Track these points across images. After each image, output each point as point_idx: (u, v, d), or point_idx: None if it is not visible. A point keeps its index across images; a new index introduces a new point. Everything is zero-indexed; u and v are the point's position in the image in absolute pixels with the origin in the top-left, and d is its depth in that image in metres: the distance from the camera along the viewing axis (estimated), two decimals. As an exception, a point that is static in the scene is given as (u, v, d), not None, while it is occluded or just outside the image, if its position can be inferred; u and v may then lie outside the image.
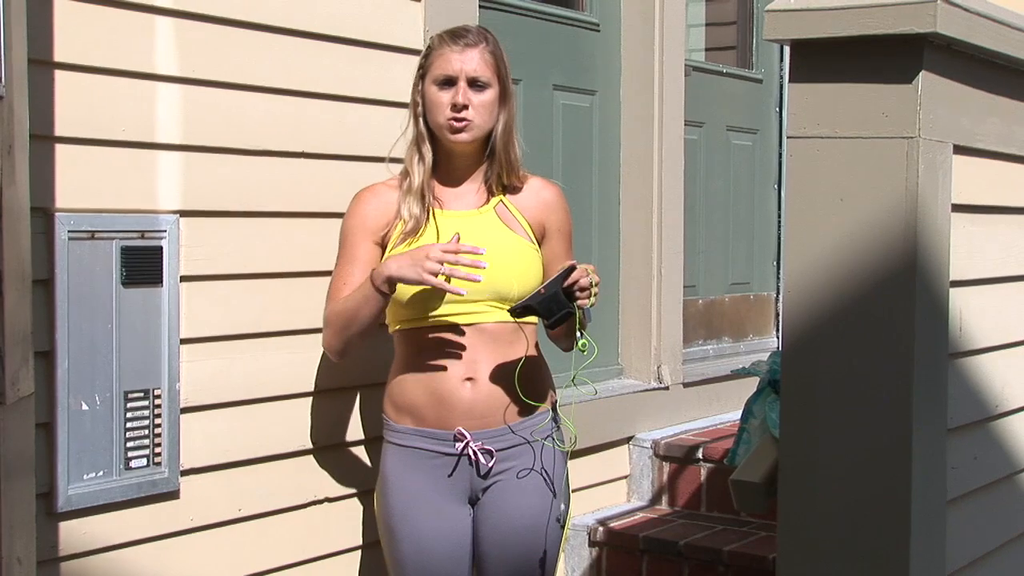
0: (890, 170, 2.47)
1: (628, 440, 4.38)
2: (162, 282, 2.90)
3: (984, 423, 2.86)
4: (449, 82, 2.97)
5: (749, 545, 3.85)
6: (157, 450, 2.90)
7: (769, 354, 3.32)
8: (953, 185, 2.58)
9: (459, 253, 2.80)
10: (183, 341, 2.95)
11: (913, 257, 2.46)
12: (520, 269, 2.98)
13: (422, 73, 3.03)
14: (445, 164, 3.04)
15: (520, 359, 2.95)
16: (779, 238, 5.48)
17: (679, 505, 4.29)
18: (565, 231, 3.13)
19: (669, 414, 4.55)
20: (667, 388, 4.53)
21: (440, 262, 2.78)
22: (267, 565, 3.17)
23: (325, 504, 3.28)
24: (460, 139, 2.98)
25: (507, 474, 2.98)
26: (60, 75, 2.71)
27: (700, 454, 4.24)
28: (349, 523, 3.34)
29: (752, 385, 3.27)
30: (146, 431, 2.88)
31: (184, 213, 2.95)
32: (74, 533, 2.77)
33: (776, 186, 5.51)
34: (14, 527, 2.27)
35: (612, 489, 4.33)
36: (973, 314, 2.72)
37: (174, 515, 2.96)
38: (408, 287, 2.88)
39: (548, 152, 4.31)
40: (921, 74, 2.45)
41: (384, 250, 3.00)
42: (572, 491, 3.09)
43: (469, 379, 2.95)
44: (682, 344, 4.66)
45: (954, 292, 2.62)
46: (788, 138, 2.60)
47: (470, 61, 2.97)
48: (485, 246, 2.96)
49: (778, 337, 5.45)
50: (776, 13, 2.54)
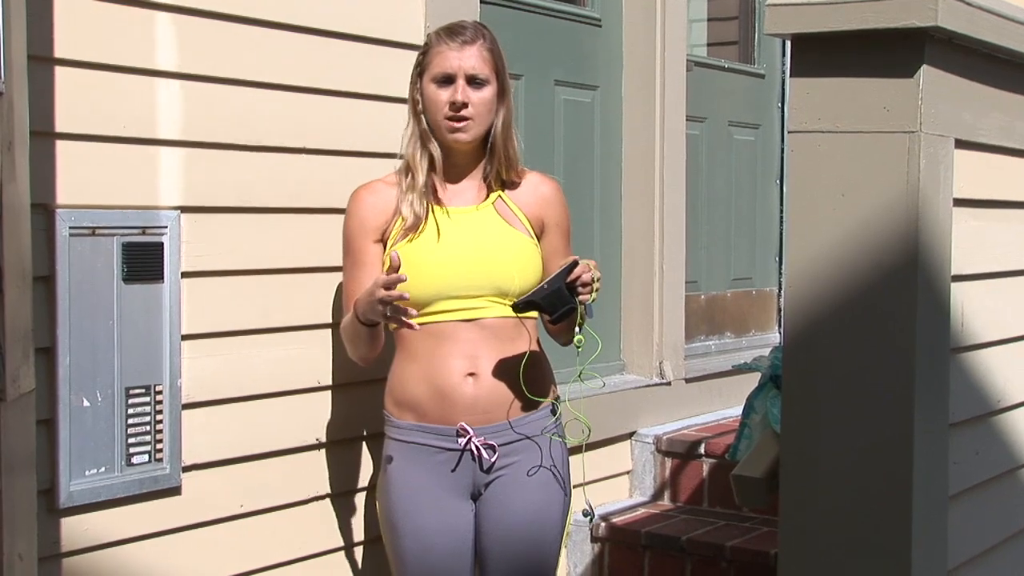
0: (891, 164, 2.47)
1: (630, 436, 4.38)
2: (163, 278, 2.90)
3: (986, 418, 2.86)
4: (448, 80, 2.96)
5: (751, 540, 3.85)
6: (159, 446, 2.90)
7: (770, 349, 3.32)
8: (955, 179, 2.58)
9: (394, 287, 2.75)
10: (184, 337, 2.95)
11: (915, 251, 2.46)
12: (520, 264, 2.98)
13: (420, 71, 3.02)
14: (444, 161, 3.03)
15: (524, 354, 2.95)
16: (781, 233, 5.47)
17: (681, 501, 4.28)
18: (564, 226, 3.13)
19: (671, 410, 4.55)
20: (669, 384, 4.53)
21: (383, 301, 2.75)
22: (269, 561, 3.17)
23: (327, 500, 3.28)
24: (459, 139, 2.98)
25: (509, 469, 2.98)
26: (61, 71, 2.71)
27: (702, 450, 4.24)
28: (351, 519, 3.34)
29: (754, 380, 3.28)
30: (147, 427, 2.88)
31: (185, 209, 2.95)
32: (76, 529, 2.77)
33: (778, 181, 5.50)
34: (15, 523, 2.27)
35: (614, 485, 4.33)
36: (975, 309, 2.72)
37: (176, 511, 2.96)
38: (404, 287, 2.89)
39: (550, 148, 4.30)
40: (922, 68, 2.45)
41: (386, 246, 3.00)
42: (574, 487, 3.09)
43: (471, 374, 2.95)
44: (684, 340, 4.65)
45: (956, 287, 2.62)
46: (789, 133, 2.60)
47: (468, 59, 2.96)
48: (484, 241, 2.98)
49: (780, 332, 5.44)
50: (777, 8, 2.54)
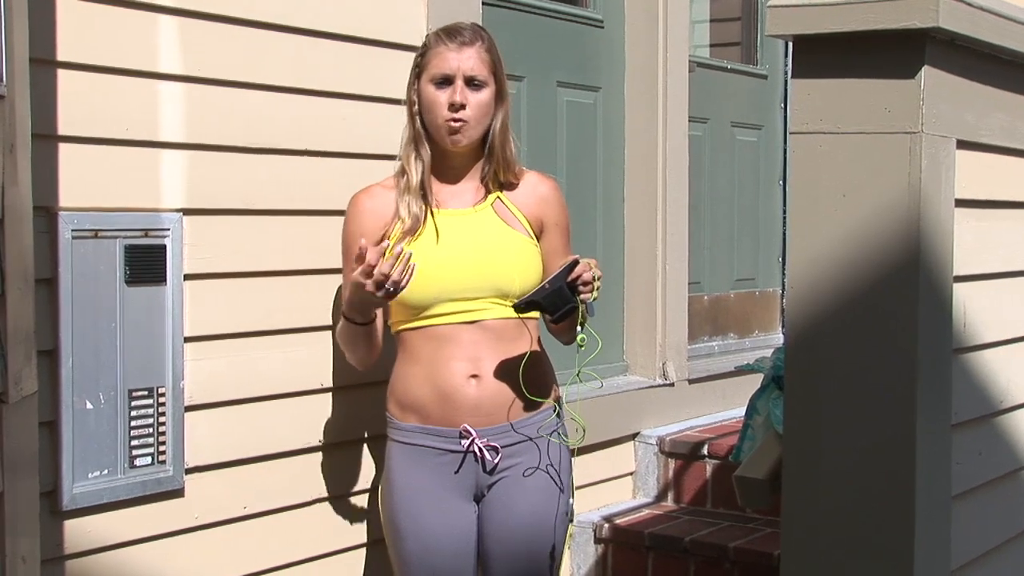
0: (893, 165, 2.47)
1: (633, 437, 4.38)
2: (166, 280, 2.90)
3: (989, 419, 2.85)
4: (446, 81, 2.96)
5: (755, 541, 3.85)
6: (161, 448, 2.90)
7: (773, 350, 3.32)
8: (957, 180, 2.58)
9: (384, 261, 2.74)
10: (187, 339, 2.95)
11: (916, 252, 2.45)
12: (520, 265, 2.98)
13: (418, 72, 3.02)
14: (441, 162, 3.03)
15: (524, 355, 2.95)
16: (784, 234, 5.46)
17: (685, 501, 4.28)
18: (563, 225, 3.13)
19: (674, 411, 4.55)
20: (672, 385, 4.53)
21: (367, 274, 2.73)
22: (272, 563, 3.18)
23: (330, 502, 3.28)
24: (455, 141, 2.97)
25: (512, 471, 2.98)
26: (63, 74, 2.71)
27: (706, 450, 4.24)
28: (354, 521, 3.34)
29: (757, 381, 3.28)
30: (150, 429, 2.89)
31: (188, 211, 2.95)
32: (78, 532, 2.77)
33: (781, 182, 5.49)
34: (18, 526, 2.27)
35: (618, 486, 4.33)
36: (977, 309, 2.72)
37: (179, 513, 2.97)
38: (404, 290, 2.89)
39: (552, 149, 4.30)
40: (924, 69, 2.44)
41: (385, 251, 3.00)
42: (577, 488, 3.09)
43: (474, 376, 2.95)
44: (687, 341, 4.65)
45: (958, 287, 2.62)
46: (791, 134, 2.60)
47: (467, 60, 2.96)
48: (484, 243, 2.98)
49: (784, 333, 5.43)
50: (778, 9, 2.54)
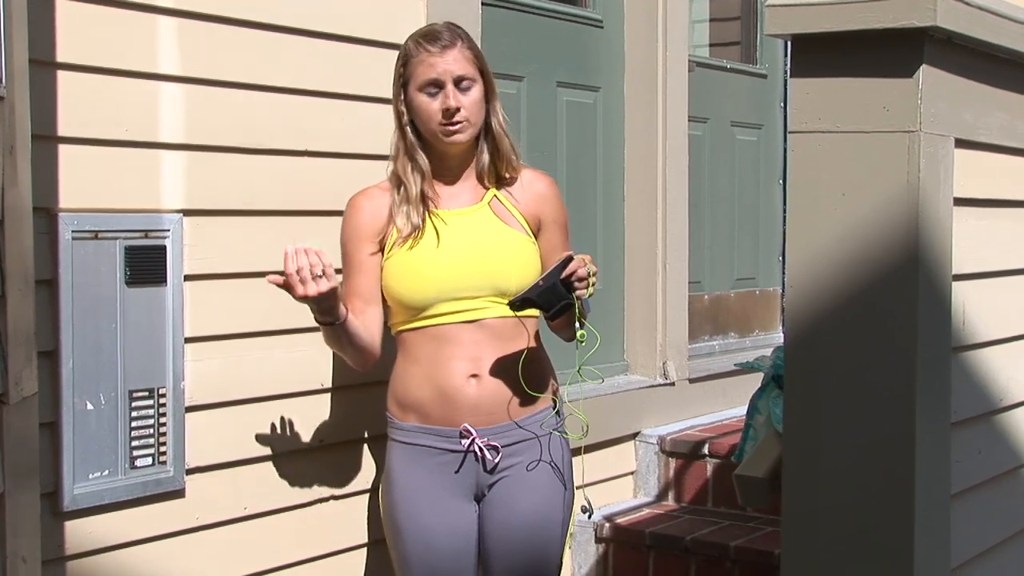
0: (892, 164, 2.47)
1: (634, 436, 4.38)
2: (166, 281, 2.90)
3: (988, 417, 2.86)
4: (435, 85, 2.94)
5: (756, 540, 3.85)
6: (162, 449, 2.91)
7: (772, 349, 3.32)
8: (955, 179, 2.58)
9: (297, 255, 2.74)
10: (187, 340, 2.96)
11: (915, 251, 2.46)
12: (518, 264, 2.98)
13: (403, 82, 2.98)
14: (437, 165, 3.03)
15: (522, 352, 2.95)
16: (784, 233, 5.46)
17: (685, 501, 4.28)
18: (561, 221, 3.13)
19: (675, 410, 4.55)
20: (673, 384, 4.53)
21: (289, 279, 2.73)
22: (273, 563, 3.18)
23: (331, 502, 3.28)
24: (457, 140, 2.96)
25: (513, 470, 2.99)
26: (63, 75, 2.72)
27: (706, 450, 4.24)
28: (355, 521, 3.34)
29: (757, 380, 3.28)
30: (151, 430, 2.89)
31: (188, 212, 2.95)
32: (79, 532, 2.78)
33: (781, 181, 5.50)
34: (19, 527, 2.28)
35: (618, 485, 4.33)
36: (976, 308, 2.72)
37: (179, 514, 2.97)
38: (403, 290, 2.94)
39: (552, 149, 4.30)
40: (922, 68, 2.45)
41: (383, 251, 3.00)
42: (578, 487, 3.09)
43: (474, 376, 2.95)
44: (687, 340, 4.65)
45: (957, 286, 2.62)
46: (790, 133, 2.60)
47: (453, 63, 2.94)
48: (481, 242, 2.98)
49: (784, 332, 5.43)
50: (776, 8, 2.54)
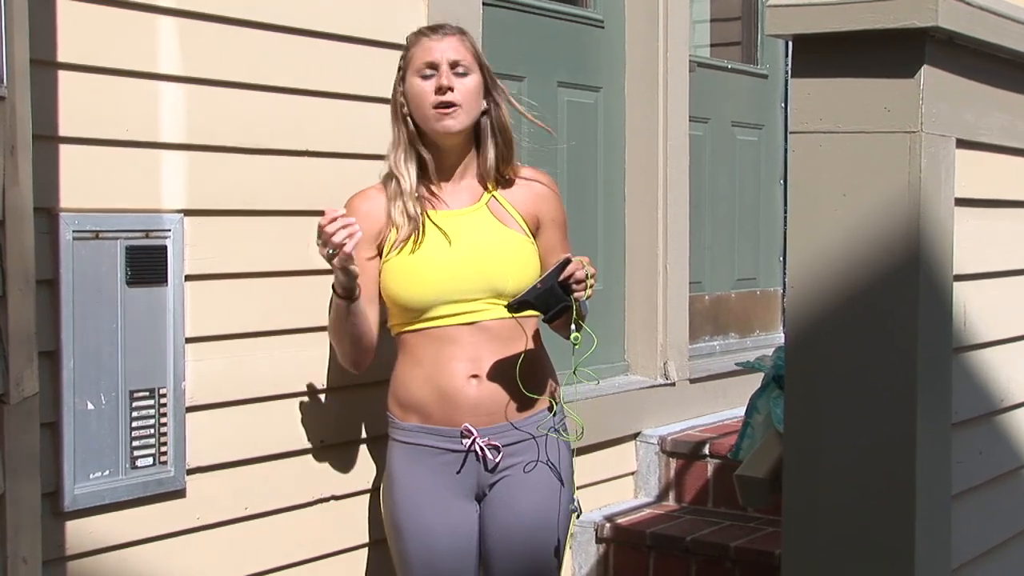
0: (893, 165, 2.47)
1: (635, 436, 4.38)
2: (167, 281, 2.90)
3: (989, 417, 2.86)
4: (431, 67, 2.98)
5: (756, 541, 3.85)
6: (163, 449, 2.91)
7: (773, 349, 3.32)
8: (956, 179, 2.58)
9: (332, 221, 2.75)
10: (188, 340, 2.96)
11: (916, 251, 2.46)
12: (516, 264, 2.98)
13: (403, 73, 3.03)
14: (435, 162, 3.03)
15: (520, 353, 2.95)
16: (785, 234, 5.45)
17: (686, 501, 4.28)
18: (559, 220, 3.13)
19: (676, 410, 4.55)
20: (673, 384, 4.53)
21: (321, 235, 2.75)
22: (274, 563, 3.18)
23: (332, 502, 3.28)
24: (447, 126, 2.97)
25: (514, 469, 2.99)
26: (63, 75, 2.72)
27: (707, 450, 4.24)
28: (356, 521, 3.34)
29: (758, 381, 3.28)
30: (152, 430, 2.89)
31: (188, 212, 2.95)
32: (80, 532, 2.78)
33: (782, 181, 5.49)
34: (19, 527, 2.28)
35: (619, 485, 4.33)
36: (977, 308, 2.72)
37: (180, 514, 2.97)
38: (402, 293, 2.94)
39: (553, 149, 4.30)
40: (923, 68, 2.45)
41: (381, 253, 3.00)
42: (578, 487, 3.09)
43: (474, 376, 2.95)
44: (688, 340, 4.65)
45: (958, 286, 2.62)
46: (791, 133, 2.60)
47: (448, 48, 2.99)
48: (480, 244, 2.98)
49: (784, 332, 5.43)
50: (777, 8, 2.54)
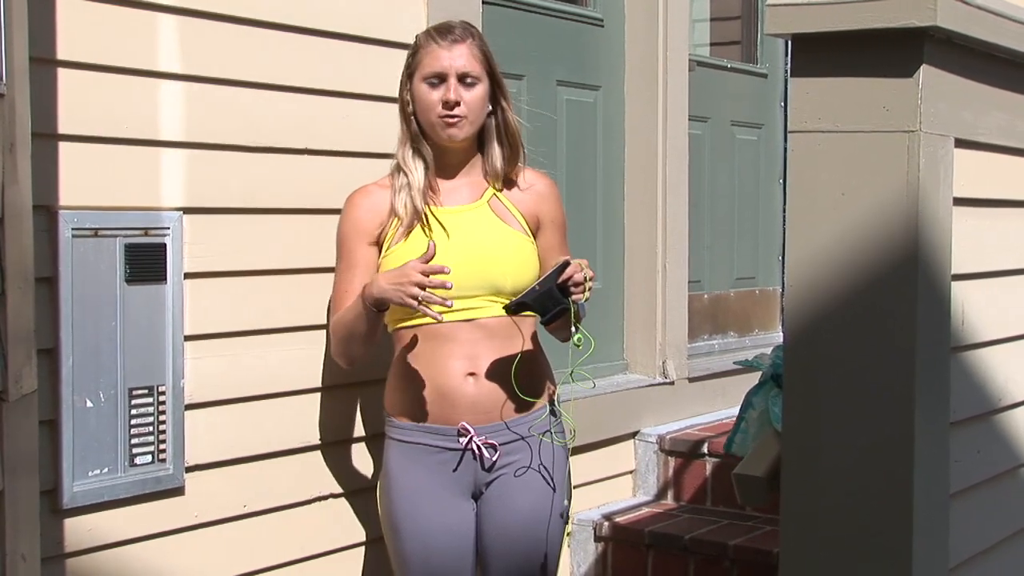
0: (891, 164, 2.47)
1: (633, 435, 4.38)
2: (166, 279, 2.91)
3: (987, 417, 2.86)
4: (439, 78, 2.97)
5: (754, 539, 3.85)
6: (162, 447, 2.91)
7: (772, 348, 3.33)
8: (955, 178, 2.58)
9: (431, 275, 2.74)
10: (187, 338, 2.96)
11: (915, 250, 2.46)
12: (515, 263, 2.98)
13: (410, 72, 3.02)
14: (438, 160, 3.04)
15: (517, 354, 2.96)
16: (784, 233, 5.45)
17: (685, 500, 4.28)
18: (559, 222, 3.14)
19: (674, 409, 4.55)
20: (672, 383, 4.53)
21: (420, 285, 2.73)
22: (272, 561, 3.18)
23: (330, 500, 3.29)
24: (452, 135, 2.98)
25: (510, 468, 2.99)
26: (63, 73, 2.72)
27: (705, 449, 4.24)
28: (353, 519, 3.34)
29: (757, 379, 3.28)
30: (150, 428, 2.89)
31: (188, 210, 2.96)
32: (79, 530, 2.78)
33: (781, 181, 5.49)
34: (18, 524, 2.28)
35: (618, 484, 4.33)
36: (975, 307, 2.72)
37: (179, 512, 2.97)
38: None
39: (552, 148, 4.30)
40: (922, 68, 2.45)
41: (381, 249, 3.01)
42: (576, 486, 3.09)
43: (471, 374, 2.95)
44: (687, 339, 4.65)
45: (956, 285, 2.62)
46: (789, 132, 2.61)
47: (459, 57, 2.97)
48: (480, 241, 2.98)
49: (783, 332, 5.43)
50: (777, 8, 2.54)
